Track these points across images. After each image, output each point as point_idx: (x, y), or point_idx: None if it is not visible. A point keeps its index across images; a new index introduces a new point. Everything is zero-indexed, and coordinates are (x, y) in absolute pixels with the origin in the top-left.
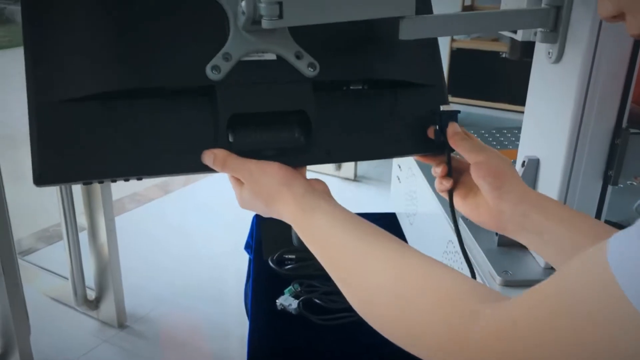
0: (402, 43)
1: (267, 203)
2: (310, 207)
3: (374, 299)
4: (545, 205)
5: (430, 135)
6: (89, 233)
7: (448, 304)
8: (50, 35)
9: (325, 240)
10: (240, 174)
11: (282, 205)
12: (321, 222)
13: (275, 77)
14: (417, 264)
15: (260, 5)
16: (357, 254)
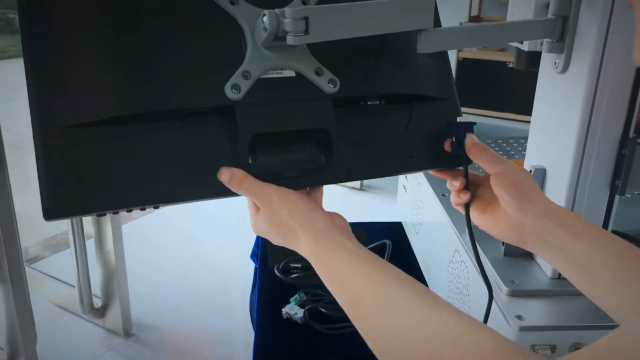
0: (416, 57)
1: (285, 235)
2: (332, 244)
3: (394, 343)
4: (568, 219)
5: (446, 148)
6: (96, 241)
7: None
8: (57, 56)
9: (345, 280)
10: (258, 198)
11: (301, 239)
12: (342, 261)
13: (295, 94)
14: (445, 312)
15: (285, 21)
16: (379, 296)
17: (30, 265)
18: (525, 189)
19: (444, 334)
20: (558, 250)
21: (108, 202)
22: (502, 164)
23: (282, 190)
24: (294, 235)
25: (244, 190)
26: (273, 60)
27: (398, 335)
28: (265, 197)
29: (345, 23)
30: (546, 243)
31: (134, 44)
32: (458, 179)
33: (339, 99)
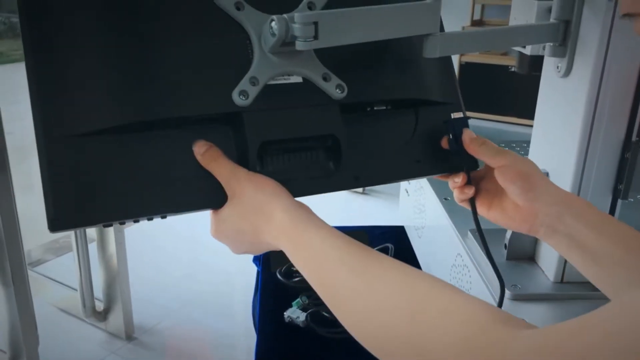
0: (421, 61)
1: (253, 218)
2: (303, 219)
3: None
4: (578, 207)
5: (444, 145)
6: (98, 245)
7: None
8: (58, 63)
9: (321, 257)
10: (229, 179)
11: (272, 217)
12: (317, 237)
13: (303, 100)
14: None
15: (294, 26)
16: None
17: (32, 269)
18: (532, 179)
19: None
20: (568, 237)
21: (114, 213)
22: (504, 155)
23: (252, 172)
24: (261, 215)
25: (217, 167)
26: (280, 66)
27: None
28: (235, 177)
29: (354, 28)
30: (556, 231)
31: (138, 51)
32: (459, 175)
33: (346, 105)
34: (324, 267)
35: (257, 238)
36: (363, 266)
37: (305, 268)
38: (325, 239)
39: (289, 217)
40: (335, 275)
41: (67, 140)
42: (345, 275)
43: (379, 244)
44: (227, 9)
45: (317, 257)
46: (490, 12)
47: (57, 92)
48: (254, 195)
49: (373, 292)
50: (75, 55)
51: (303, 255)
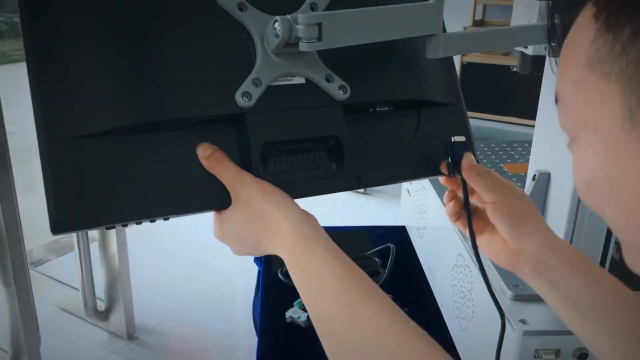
0: (423, 62)
1: (257, 226)
2: (309, 235)
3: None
4: (566, 253)
5: (442, 170)
6: (100, 244)
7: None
8: (60, 65)
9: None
10: (234, 183)
11: (275, 227)
12: (317, 259)
13: (306, 101)
14: (413, 338)
15: (298, 27)
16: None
17: (34, 268)
18: (523, 219)
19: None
20: (551, 282)
21: (117, 215)
22: (499, 192)
23: (258, 179)
24: (266, 224)
25: (222, 171)
26: (283, 67)
27: (361, 349)
28: (241, 182)
29: (357, 29)
30: (539, 274)
31: (141, 52)
32: (453, 199)
33: (348, 106)
34: (319, 293)
35: (260, 244)
36: (356, 302)
37: (300, 287)
38: (326, 264)
39: (294, 233)
40: (328, 304)
41: (69, 142)
42: (337, 307)
43: (381, 244)
44: (229, 9)
45: (314, 281)
46: (491, 12)
47: (59, 94)
48: (260, 203)
49: (359, 331)
50: (77, 56)
51: (301, 275)
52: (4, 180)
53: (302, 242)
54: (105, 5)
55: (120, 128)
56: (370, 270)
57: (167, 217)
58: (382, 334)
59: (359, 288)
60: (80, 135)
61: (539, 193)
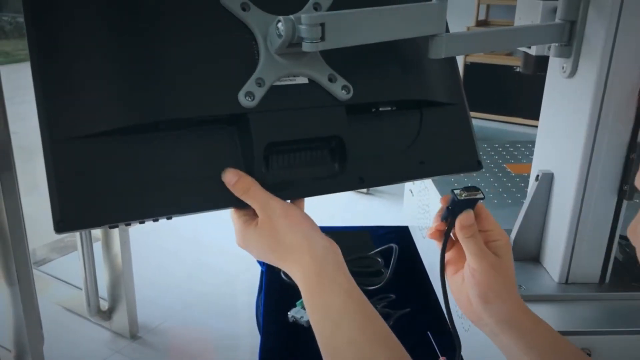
0: (426, 62)
1: (279, 253)
2: (329, 276)
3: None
4: (522, 329)
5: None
6: (103, 244)
7: None
8: (64, 65)
9: (333, 325)
10: (263, 209)
11: (297, 260)
12: (335, 303)
13: (308, 101)
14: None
15: (301, 27)
16: (362, 355)
17: (37, 268)
18: (493, 294)
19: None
20: (505, 350)
21: (120, 214)
22: (480, 260)
23: (287, 205)
24: (289, 255)
25: (250, 198)
26: (286, 67)
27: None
28: (270, 209)
29: (360, 29)
30: (498, 341)
31: (144, 52)
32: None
33: (351, 106)
34: (333, 337)
35: (277, 263)
36: (369, 354)
37: (315, 326)
38: (344, 310)
39: (316, 273)
40: (341, 350)
41: (73, 142)
42: (350, 355)
43: (384, 244)
44: (232, 9)
45: (330, 325)
46: (495, 12)
47: (63, 94)
48: (286, 234)
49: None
50: (81, 57)
51: (317, 317)
52: (7, 179)
53: (322, 282)
54: (108, 6)
55: (124, 128)
56: (372, 271)
57: (170, 217)
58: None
59: (374, 338)
60: (84, 135)
61: (542, 193)
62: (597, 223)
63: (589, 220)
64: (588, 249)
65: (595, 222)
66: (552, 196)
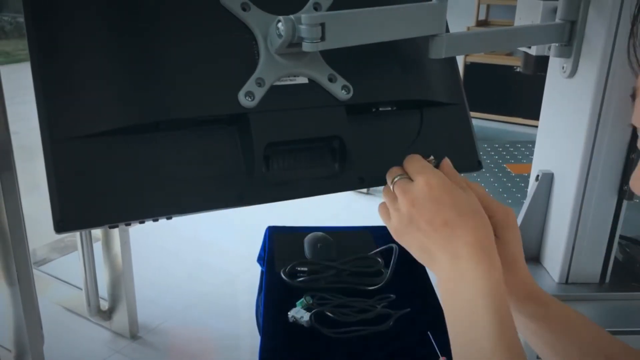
0: (426, 62)
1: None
2: (475, 264)
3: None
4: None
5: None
6: (103, 244)
7: None
8: (64, 64)
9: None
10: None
11: (469, 274)
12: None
13: (309, 101)
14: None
15: (301, 27)
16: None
17: (38, 268)
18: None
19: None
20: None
21: (120, 214)
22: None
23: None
24: (463, 264)
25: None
26: (286, 67)
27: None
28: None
29: (361, 29)
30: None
31: (144, 52)
32: None
33: (351, 106)
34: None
35: (432, 259)
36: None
37: (450, 318)
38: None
39: (488, 286)
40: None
41: (73, 142)
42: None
43: (383, 244)
44: (233, 9)
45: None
46: (495, 12)
47: (63, 94)
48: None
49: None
50: (81, 56)
51: (457, 315)
52: (8, 179)
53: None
54: (108, 6)
55: (124, 128)
56: (372, 271)
57: (170, 217)
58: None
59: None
60: (84, 135)
61: (542, 193)
62: (597, 223)
63: (589, 220)
64: (588, 249)
65: (595, 222)
66: (552, 196)
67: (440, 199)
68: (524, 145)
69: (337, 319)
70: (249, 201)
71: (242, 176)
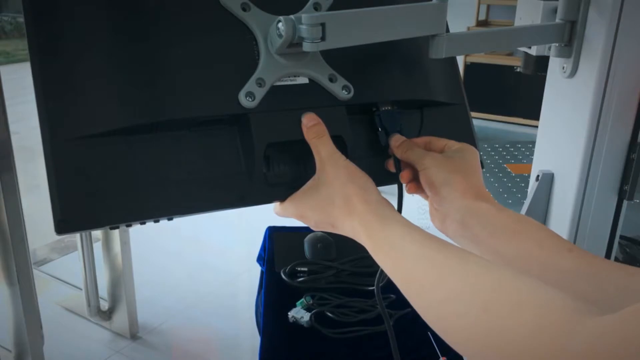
0: (426, 62)
1: (339, 206)
2: (386, 215)
3: (454, 314)
4: (484, 213)
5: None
6: (103, 244)
7: (546, 317)
8: (64, 65)
9: (400, 251)
10: (328, 156)
11: (355, 210)
12: (396, 232)
13: (309, 102)
14: (505, 277)
15: (301, 27)
16: (435, 265)
17: (38, 268)
18: (445, 186)
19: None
20: (475, 242)
21: (121, 215)
22: (422, 164)
23: (348, 161)
24: (347, 206)
25: (320, 145)
26: (287, 67)
27: (454, 302)
28: (335, 159)
29: (361, 29)
30: (463, 236)
31: (145, 52)
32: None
33: (351, 106)
34: (402, 261)
35: (336, 222)
36: (439, 259)
37: (384, 261)
38: (405, 235)
39: (372, 213)
40: (412, 267)
41: (74, 142)
42: (422, 268)
43: None
44: (233, 10)
45: (396, 251)
46: (495, 12)
47: (63, 94)
48: (345, 184)
49: (448, 283)
50: (82, 57)
51: (382, 250)
52: (8, 180)
53: (380, 221)
54: (109, 6)
55: (124, 128)
56: (372, 271)
57: (171, 217)
58: (471, 284)
59: (440, 248)
60: (85, 135)
61: (543, 193)
62: (597, 223)
63: (589, 220)
64: (588, 248)
65: (595, 222)
66: (552, 196)
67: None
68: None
69: (337, 319)
70: (250, 201)
71: (242, 176)
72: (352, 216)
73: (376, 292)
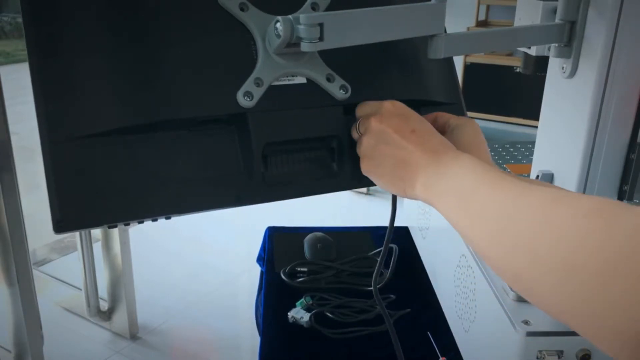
0: (424, 62)
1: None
2: (455, 153)
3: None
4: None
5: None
6: (103, 244)
7: (603, 223)
8: (62, 65)
9: (468, 193)
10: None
11: (426, 144)
12: (464, 175)
13: (307, 101)
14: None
15: (299, 27)
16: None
17: (37, 268)
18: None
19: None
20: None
21: (119, 214)
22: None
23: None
24: (422, 143)
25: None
26: (285, 66)
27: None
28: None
29: (359, 29)
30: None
31: (142, 52)
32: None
33: (349, 106)
34: (470, 204)
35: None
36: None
37: (449, 202)
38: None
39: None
40: (482, 209)
41: (72, 142)
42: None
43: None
44: (231, 10)
45: (463, 192)
46: (495, 12)
47: (61, 94)
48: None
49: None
50: (80, 56)
51: (448, 192)
52: (7, 180)
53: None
54: (107, 6)
55: (122, 128)
56: (372, 271)
57: (169, 216)
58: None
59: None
60: (82, 135)
61: None
62: None
63: None
64: None
65: None
66: None
67: (406, 113)
68: (523, 146)
69: (337, 320)
70: (248, 201)
71: (240, 176)
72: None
73: (374, 292)
